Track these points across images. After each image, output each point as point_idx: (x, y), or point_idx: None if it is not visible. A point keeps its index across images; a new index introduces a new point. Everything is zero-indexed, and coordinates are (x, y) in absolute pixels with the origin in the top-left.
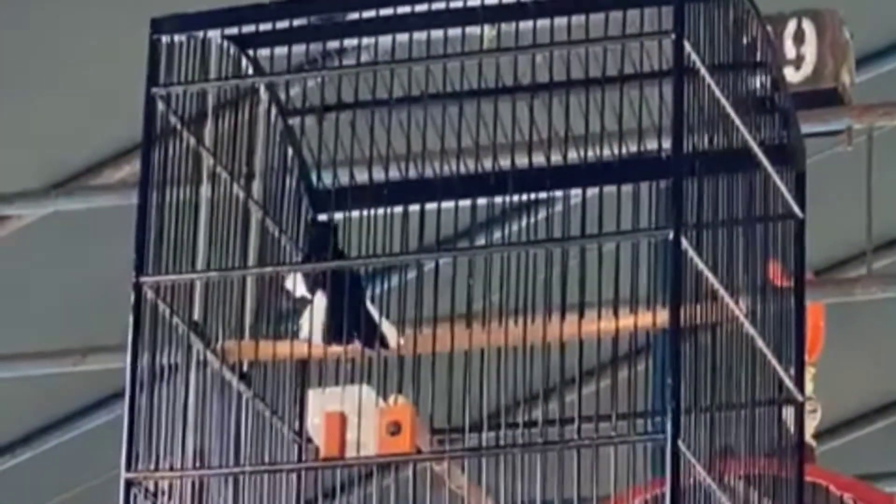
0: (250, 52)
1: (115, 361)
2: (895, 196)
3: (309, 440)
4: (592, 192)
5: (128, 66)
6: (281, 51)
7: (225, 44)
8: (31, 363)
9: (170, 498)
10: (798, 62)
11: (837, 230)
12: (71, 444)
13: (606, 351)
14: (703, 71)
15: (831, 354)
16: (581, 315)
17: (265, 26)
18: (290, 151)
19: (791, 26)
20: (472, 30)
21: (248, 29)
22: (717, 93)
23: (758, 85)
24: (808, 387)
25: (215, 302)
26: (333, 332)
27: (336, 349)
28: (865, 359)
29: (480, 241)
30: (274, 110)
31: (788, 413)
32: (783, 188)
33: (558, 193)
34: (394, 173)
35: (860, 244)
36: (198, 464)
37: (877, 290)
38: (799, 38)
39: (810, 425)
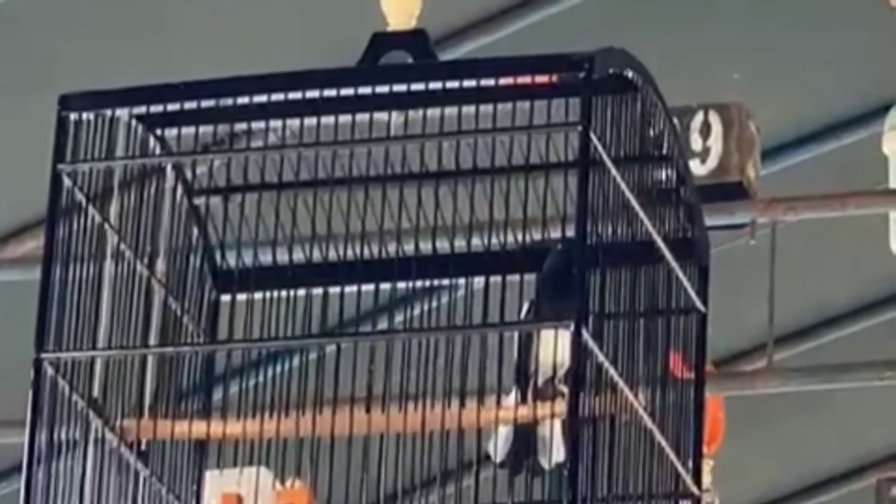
0: (158, 132)
1: (14, 436)
2: (797, 290)
3: None
4: (495, 279)
5: (34, 142)
6: (188, 131)
7: (133, 122)
8: None
9: None
10: (704, 155)
11: (739, 322)
12: None
13: None
14: (608, 163)
15: (732, 446)
16: (480, 402)
17: (173, 106)
18: (194, 231)
19: (698, 119)
20: (380, 115)
21: (156, 108)
22: (622, 185)
23: (663, 177)
24: (707, 479)
25: (115, 379)
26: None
27: (235, 430)
28: (765, 451)
29: (382, 324)
30: (180, 189)
31: None
32: (686, 282)
33: (461, 280)
34: (298, 255)
35: (762, 336)
36: None
37: (777, 383)
38: (705, 131)
39: None
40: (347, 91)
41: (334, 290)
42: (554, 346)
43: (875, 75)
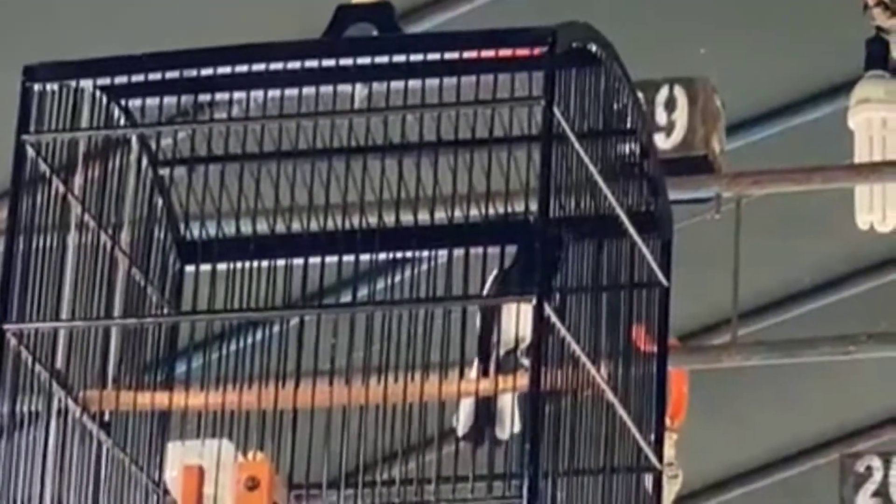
0: (122, 103)
1: None
2: (762, 264)
3: (167, 492)
4: (458, 252)
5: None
6: (153, 102)
7: (97, 93)
8: None
9: None
10: (669, 129)
11: (704, 297)
12: None
13: None
14: (571, 137)
15: (695, 420)
16: (442, 375)
17: (138, 77)
18: (159, 202)
19: (663, 93)
20: (345, 87)
21: (121, 79)
22: (586, 159)
23: (627, 151)
24: (670, 452)
25: (78, 350)
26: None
27: (197, 402)
28: (729, 425)
29: (346, 297)
30: (144, 160)
31: (647, 480)
32: (649, 256)
33: (424, 253)
34: (262, 227)
35: (726, 311)
36: None
37: (742, 357)
38: (670, 105)
39: (672, 490)
40: (312, 63)
41: (298, 261)
42: (516, 320)
43: (841, 50)
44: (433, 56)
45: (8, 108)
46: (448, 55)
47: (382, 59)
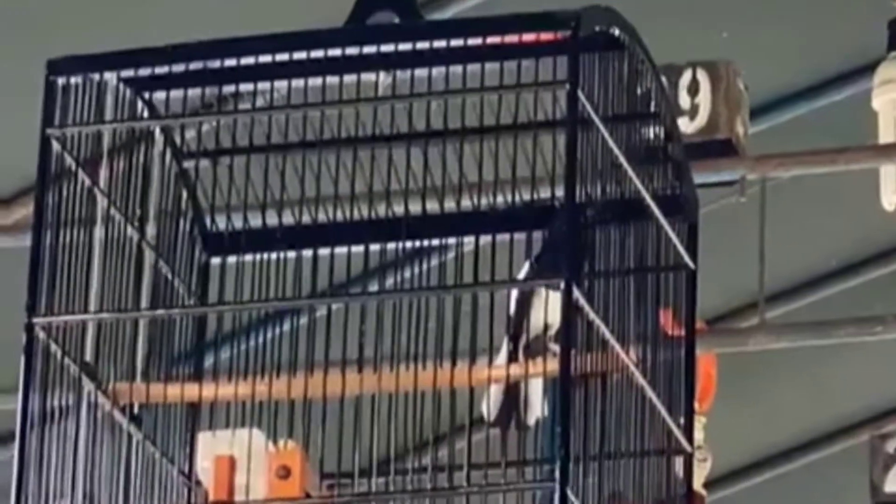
0: (146, 95)
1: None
2: (788, 247)
3: (198, 483)
4: (485, 239)
5: (23, 107)
6: (177, 94)
7: (121, 86)
8: None
9: None
10: (692, 113)
11: (731, 280)
12: None
13: None
14: (596, 121)
15: (724, 404)
16: (472, 362)
17: (161, 69)
18: (184, 194)
19: (686, 77)
20: (368, 76)
21: (144, 72)
22: (611, 143)
23: (651, 135)
24: (699, 436)
25: (107, 343)
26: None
27: (227, 393)
28: (757, 409)
29: (373, 287)
30: (169, 153)
31: (678, 463)
32: (675, 239)
33: (451, 240)
34: (287, 218)
35: (753, 294)
36: None
37: (769, 340)
38: (693, 88)
39: (700, 474)
40: (335, 52)
41: (324, 251)
42: (545, 305)
43: (863, 31)
44: (456, 42)
45: (32, 102)
46: (471, 41)
47: (406, 47)
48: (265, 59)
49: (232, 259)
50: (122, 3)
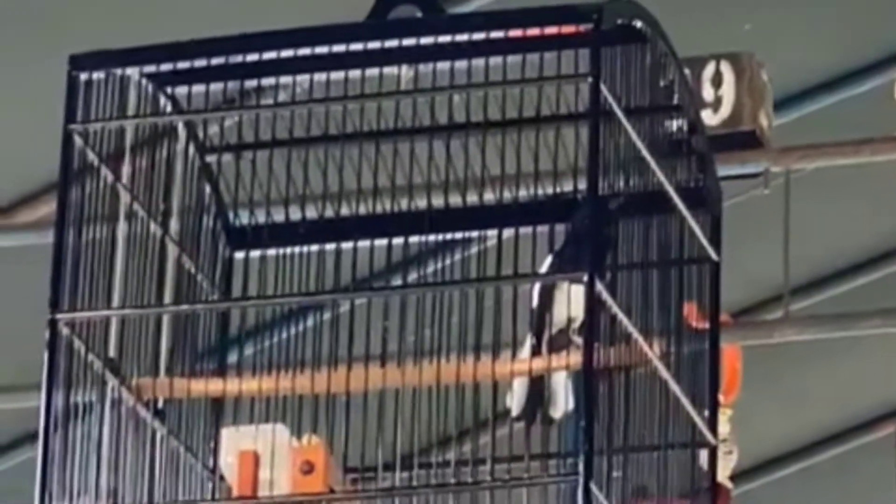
0: (168, 90)
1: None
2: (812, 239)
3: (222, 478)
4: (508, 232)
5: (47, 106)
6: (199, 89)
7: (143, 81)
8: None
9: None
10: (716, 105)
11: (756, 273)
12: None
13: None
14: (619, 114)
15: (749, 397)
16: (495, 356)
17: (183, 64)
18: (207, 189)
19: (709, 69)
20: (390, 70)
21: (167, 67)
22: (634, 136)
23: (675, 127)
24: (725, 428)
25: (131, 339)
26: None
27: (251, 388)
28: (783, 401)
29: (396, 281)
30: (191, 148)
31: (702, 455)
32: (698, 231)
33: (474, 234)
34: (310, 212)
35: (778, 287)
36: (112, 501)
37: (794, 332)
38: (717, 80)
39: (726, 466)
40: (357, 46)
41: (347, 245)
42: (568, 299)
43: (887, 23)
44: (478, 36)
45: (54, 99)
46: (493, 34)
47: (428, 41)
48: (287, 53)
49: (255, 254)
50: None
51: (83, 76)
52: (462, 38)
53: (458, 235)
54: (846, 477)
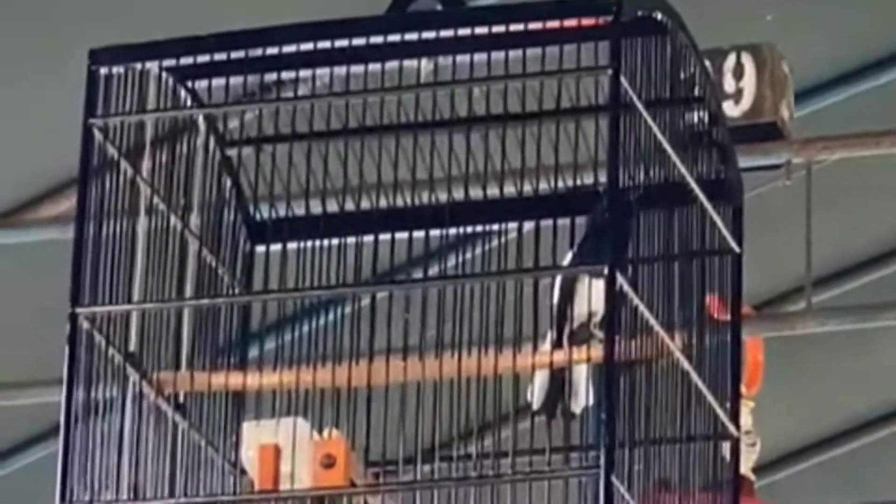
0: (189, 84)
1: (51, 395)
2: (834, 230)
3: (243, 472)
4: (529, 225)
5: (65, 98)
6: (219, 82)
7: (163, 75)
8: None
9: None
10: (737, 96)
11: (777, 264)
12: (7, 480)
13: None
14: (639, 106)
15: (772, 388)
16: (516, 349)
17: (203, 58)
18: (227, 183)
19: (730, 60)
20: (410, 63)
21: (187, 60)
22: (654, 128)
23: (695, 119)
24: (748, 420)
25: (151, 333)
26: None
27: (272, 381)
28: (805, 393)
29: (417, 274)
30: (212, 142)
31: (725, 448)
32: (720, 223)
33: (495, 227)
34: (331, 205)
35: (800, 278)
36: (133, 496)
37: (816, 324)
38: (738, 72)
39: (749, 458)
40: (377, 39)
41: (368, 239)
42: (589, 292)
43: None
44: (498, 28)
45: (74, 93)
46: (513, 27)
47: (447, 33)
48: (307, 46)
49: (276, 247)
50: None
51: (103, 70)
52: (482, 30)
53: (479, 229)
54: (869, 468)
